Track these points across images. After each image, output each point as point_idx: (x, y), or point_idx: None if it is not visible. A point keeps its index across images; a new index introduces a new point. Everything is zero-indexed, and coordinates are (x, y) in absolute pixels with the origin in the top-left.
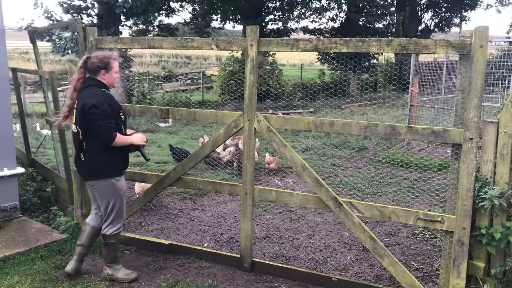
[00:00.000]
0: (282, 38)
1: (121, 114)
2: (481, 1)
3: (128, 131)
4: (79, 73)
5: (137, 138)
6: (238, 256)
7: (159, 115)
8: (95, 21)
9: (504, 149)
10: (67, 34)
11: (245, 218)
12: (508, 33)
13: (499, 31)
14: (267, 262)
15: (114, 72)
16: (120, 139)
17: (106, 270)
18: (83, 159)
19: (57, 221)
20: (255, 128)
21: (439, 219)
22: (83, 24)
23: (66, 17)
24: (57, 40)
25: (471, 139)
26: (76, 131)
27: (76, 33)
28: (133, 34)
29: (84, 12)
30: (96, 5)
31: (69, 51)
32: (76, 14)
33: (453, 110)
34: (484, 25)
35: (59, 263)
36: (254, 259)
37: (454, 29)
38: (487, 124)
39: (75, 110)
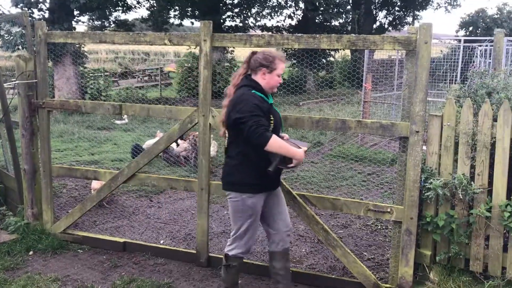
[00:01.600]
0: (236, 33)
1: (271, 120)
2: (432, 1)
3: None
4: (242, 68)
5: (301, 153)
6: (195, 252)
7: (112, 111)
8: (46, 15)
9: (448, 142)
10: (16, 29)
11: (201, 214)
12: (457, 32)
13: (449, 30)
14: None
15: (277, 74)
16: (277, 143)
17: None
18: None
19: (6, 222)
20: (210, 124)
21: (388, 210)
22: (34, 19)
23: (16, 11)
24: (5, 35)
25: (417, 132)
26: (224, 133)
27: (24, 27)
28: (88, 30)
29: (35, 6)
30: None
31: (20, 47)
32: (26, 8)
33: None
34: (428, 22)
35: (8, 265)
36: (210, 254)
37: (407, 28)
38: (432, 117)
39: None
